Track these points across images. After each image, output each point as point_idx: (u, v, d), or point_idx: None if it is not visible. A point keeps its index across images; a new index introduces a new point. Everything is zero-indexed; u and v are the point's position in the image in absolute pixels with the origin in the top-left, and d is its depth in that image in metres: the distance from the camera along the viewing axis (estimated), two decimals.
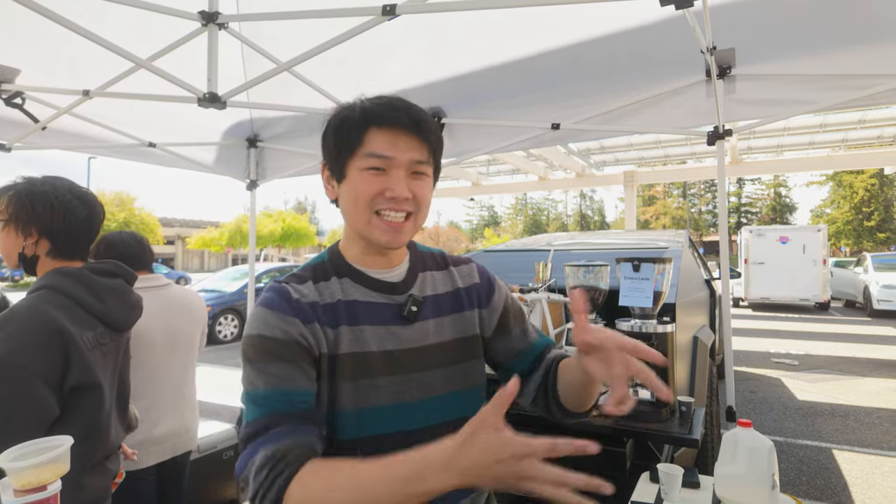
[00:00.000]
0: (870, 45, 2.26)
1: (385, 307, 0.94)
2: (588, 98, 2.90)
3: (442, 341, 0.97)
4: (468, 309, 1.02)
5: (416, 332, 0.95)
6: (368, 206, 0.89)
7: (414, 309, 0.95)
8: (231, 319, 10.19)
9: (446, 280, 1.04)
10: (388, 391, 0.91)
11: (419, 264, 1.03)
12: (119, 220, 28.53)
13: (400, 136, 0.88)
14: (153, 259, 2.11)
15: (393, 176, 0.88)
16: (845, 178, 38.27)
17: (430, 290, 1.00)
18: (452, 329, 0.99)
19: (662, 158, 17.86)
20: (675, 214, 50.11)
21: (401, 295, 0.96)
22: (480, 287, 1.06)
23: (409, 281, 0.99)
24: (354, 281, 0.95)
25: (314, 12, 1.91)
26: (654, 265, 2.26)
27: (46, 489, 0.90)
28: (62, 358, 1.16)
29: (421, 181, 0.92)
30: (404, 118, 0.88)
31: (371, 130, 0.88)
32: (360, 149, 0.89)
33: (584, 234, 4.90)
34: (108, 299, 1.31)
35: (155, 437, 1.91)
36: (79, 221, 1.31)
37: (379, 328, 0.92)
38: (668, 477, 1.61)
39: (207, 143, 3.69)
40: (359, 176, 0.89)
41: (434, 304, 0.99)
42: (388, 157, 0.88)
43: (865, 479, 3.59)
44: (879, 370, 6.87)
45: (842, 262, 16.56)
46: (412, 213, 0.91)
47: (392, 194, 0.88)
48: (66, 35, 1.86)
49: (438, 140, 0.95)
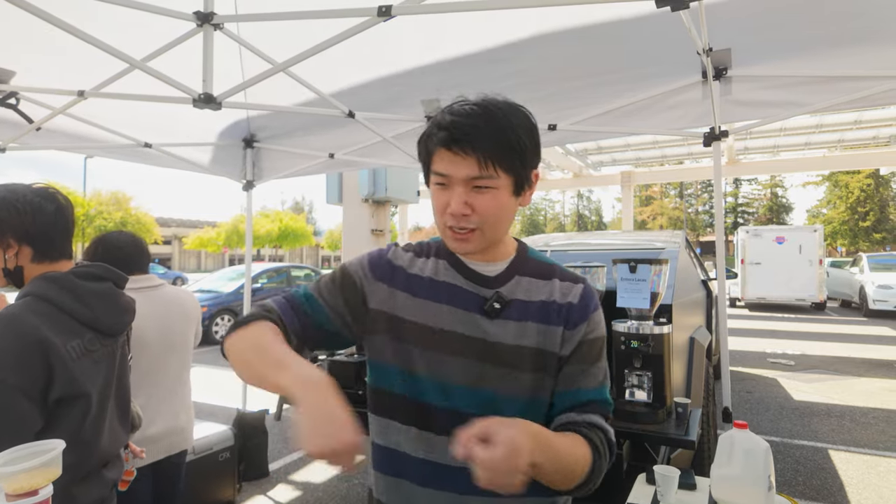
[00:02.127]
0: (865, 46, 2.27)
1: (470, 295, 0.99)
2: (585, 99, 2.90)
3: (520, 345, 0.97)
4: (554, 324, 1.00)
5: (494, 327, 0.97)
6: (440, 219, 0.96)
7: (496, 306, 0.98)
8: (228, 320, 10.16)
9: (543, 290, 1.02)
10: (443, 366, 0.97)
11: (520, 267, 1.04)
12: (115, 220, 28.46)
13: (454, 155, 0.91)
14: (150, 260, 2.10)
15: (453, 192, 0.93)
16: (841, 178, 38.43)
17: (522, 294, 1.01)
18: (535, 337, 0.98)
19: (659, 159, 17.91)
20: (671, 215, 50.23)
21: (489, 289, 1.00)
22: (573, 309, 1.01)
23: (503, 278, 1.01)
24: (450, 265, 1.02)
25: (310, 13, 1.91)
26: (651, 266, 2.27)
27: (38, 493, 0.89)
28: (44, 370, 1.12)
29: (484, 194, 0.92)
30: (448, 138, 0.91)
31: (437, 149, 0.94)
32: (431, 165, 0.96)
33: (581, 234, 4.90)
34: (96, 304, 1.28)
35: (149, 437, 1.91)
36: (48, 216, 1.26)
37: (460, 311, 0.98)
38: (665, 478, 1.61)
39: (203, 143, 3.68)
40: (433, 188, 0.97)
41: (522, 308, 0.99)
42: (445, 175, 0.93)
43: (861, 480, 3.60)
44: (875, 370, 6.89)
45: (838, 263, 16.63)
46: (477, 228, 0.94)
47: (451, 210, 0.93)
48: (61, 36, 1.85)
49: (503, 148, 0.92)
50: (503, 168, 0.93)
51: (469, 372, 0.97)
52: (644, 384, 2.27)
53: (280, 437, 4.60)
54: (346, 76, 2.80)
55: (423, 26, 2.38)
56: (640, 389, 2.28)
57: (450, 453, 0.86)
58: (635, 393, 2.28)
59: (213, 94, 2.01)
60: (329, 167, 3.96)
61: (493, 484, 0.74)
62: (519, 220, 64.66)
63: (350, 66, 2.70)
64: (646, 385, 2.27)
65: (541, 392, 0.99)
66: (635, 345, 2.26)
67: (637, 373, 2.28)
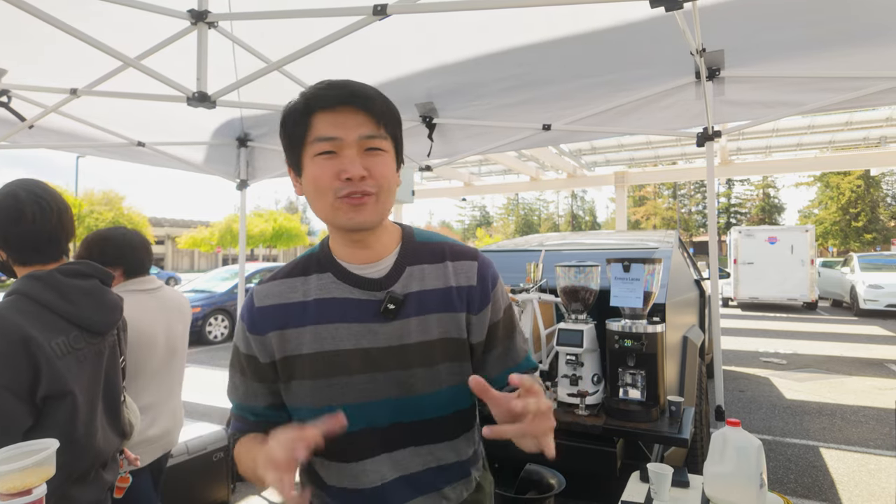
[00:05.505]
0: (857, 47, 2.29)
1: (364, 304, 0.92)
2: (579, 99, 2.91)
3: (425, 340, 0.93)
4: (457, 310, 0.95)
5: (395, 329, 0.92)
6: (328, 192, 0.87)
7: (391, 307, 0.92)
8: (221, 320, 10.11)
9: (438, 275, 0.96)
10: (358, 389, 0.91)
11: (409, 257, 0.97)
12: (108, 220, 28.25)
13: (344, 115, 0.86)
14: (151, 261, 2.10)
15: (345, 156, 0.85)
16: (833, 179, 38.72)
17: (416, 285, 0.95)
18: (438, 328, 0.94)
19: (653, 159, 17.97)
20: (665, 215, 50.45)
21: (381, 291, 0.93)
22: (474, 292, 0.97)
23: (392, 276, 0.94)
24: (336, 276, 0.95)
25: (305, 11, 1.91)
26: (645, 266, 2.28)
27: (32, 493, 0.88)
28: (29, 367, 1.12)
29: (376, 157, 0.87)
30: (344, 94, 0.86)
31: (315, 116, 0.86)
32: (308, 136, 0.87)
33: (575, 234, 4.92)
34: (81, 301, 1.27)
35: (151, 437, 1.93)
36: (28, 225, 1.25)
37: (355, 325, 0.92)
38: (658, 476, 1.62)
39: (197, 142, 3.67)
40: (312, 163, 0.87)
41: (419, 300, 0.94)
42: (335, 139, 0.85)
43: (852, 477, 3.63)
44: (865, 369, 6.95)
45: (829, 263, 16.74)
46: (374, 193, 0.88)
47: (347, 174, 0.84)
48: (54, 33, 1.84)
49: (388, 111, 0.90)
50: (390, 132, 0.90)
51: (383, 384, 0.92)
52: (637, 383, 2.29)
53: None
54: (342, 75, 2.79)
55: (418, 28, 2.38)
56: (634, 388, 2.29)
57: (383, 472, 0.92)
58: (629, 391, 2.30)
59: (208, 92, 2.00)
60: None
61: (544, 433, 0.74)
62: (513, 221, 64.73)
63: (345, 66, 2.70)
64: (639, 384, 2.28)
65: (460, 378, 0.96)
66: (629, 343, 2.27)
67: (631, 371, 2.29)
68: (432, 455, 0.96)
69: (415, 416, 0.94)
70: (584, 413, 2.24)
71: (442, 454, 0.97)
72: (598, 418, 2.21)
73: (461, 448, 1.00)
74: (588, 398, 2.25)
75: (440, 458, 0.97)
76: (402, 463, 0.95)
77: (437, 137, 3.27)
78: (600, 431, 2.13)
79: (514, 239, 4.98)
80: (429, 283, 0.95)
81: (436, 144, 3.29)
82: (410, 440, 0.95)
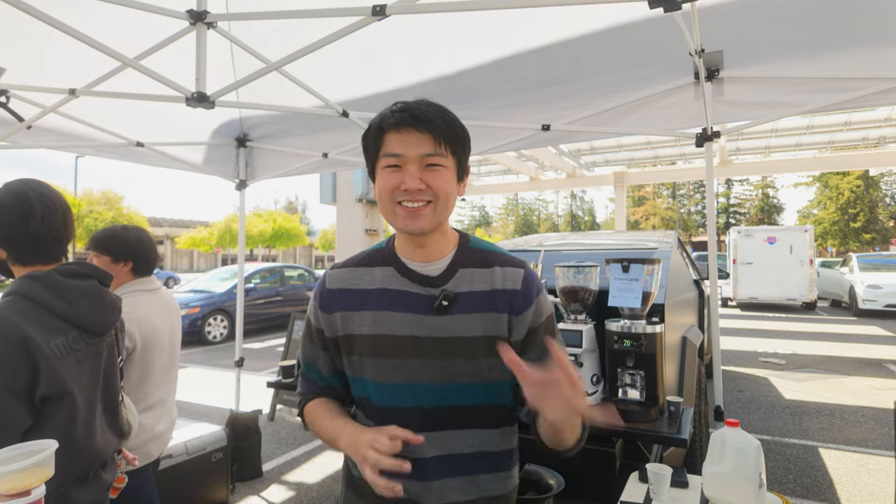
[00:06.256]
0: (856, 48, 2.29)
1: (420, 297, 1.05)
2: (578, 100, 2.91)
3: (470, 335, 1.03)
4: (500, 311, 1.06)
5: (445, 322, 1.03)
6: (390, 199, 1.01)
7: (445, 303, 1.04)
8: (221, 320, 10.09)
9: (485, 279, 1.07)
10: (409, 371, 1.04)
11: (462, 260, 1.09)
12: (107, 220, 28.23)
13: (409, 135, 0.99)
14: (157, 261, 2.11)
15: (407, 171, 0.99)
16: (832, 179, 38.78)
17: (465, 286, 1.06)
18: (482, 326, 1.04)
19: (652, 159, 18.00)
20: (664, 215, 50.49)
21: (436, 288, 1.05)
22: (517, 295, 1.07)
23: (446, 275, 1.07)
24: (397, 271, 1.08)
25: (304, 12, 1.90)
26: (644, 266, 2.28)
27: (31, 493, 0.88)
28: (28, 368, 1.12)
29: (435, 172, 1.00)
30: (408, 117, 0.99)
31: (387, 134, 1.01)
32: (380, 152, 1.02)
33: (574, 234, 4.92)
34: (80, 301, 1.26)
35: (157, 434, 1.97)
36: (30, 226, 1.25)
37: (411, 315, 1.04)
38: (657, 476, 1.62)
39: (196, 142, 3.66)
40: (381, 174, 1.02)
41: (468, 300, 1.05)
42: (399, 155, 0.99)
43: (851, 477, 3.63)
44: (864, 369, 6.96)
45: (828, 263, 16.76)
46: (431, 202, 1.01)
47: (405, 186, 0.98)
48: (52, 33, 1.84)
49: (450, 132, 1.01)
50: (451, 149, 1.02)
51: (430, 370, 1.04)
52: (637, 383, 2.29)
53: (273, 437, 4.59)
54: (341, 76, 2.79)
55: (418, 29, 2.38)
56: (633, 388, 2.29)
57: (423, 448, 1.01)
58: (628, 392, 2.30)
59: (206, 92, 2.00)
60: (323, 167, 3.95)
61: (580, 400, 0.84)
62: (512, 221, 64.74)
63: (345, 66, 2.69)
64: (638, 384, 2.28)
65: (500, 375, 1.05)
66: (628, 344, 2.27)
67: (630, 372, 2.29)
68: (471, 440, 1.07)
69: (456, 401, 1.05)
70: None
71: (478, 441, 1.07)
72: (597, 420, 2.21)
73: (497, 440, 1.10)
74: (587, 398, 2.25)
75: (476, 444, 1.07)
76: (444, 442, 1.05)
77: None
78: (599, 432, 2.13)
79: (514, 239, 4.98)
80: (477, 285, 1.07)
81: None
82: (451, 423, 1.05)
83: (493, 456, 1.09)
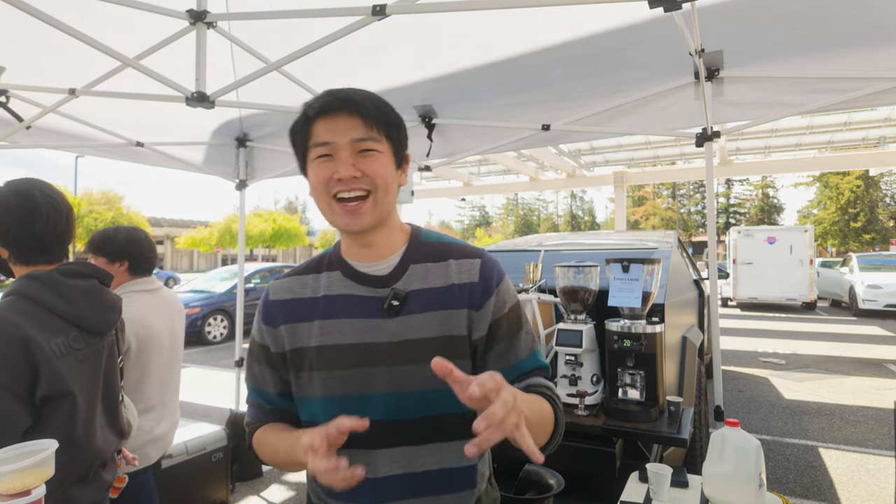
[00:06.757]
0: (855, 48, 2.29)
1: (368, 301, 0.97)
2: (578, 100, 2.91)
3: (425, 337, 0.94)
4: (458, 307, 0.96)
5: (397, 325, 0.95)
6: (325, 192, 0.93)
7: (395, 303, 0.95)
8: (220, 320, 10.10)
9: (440, 273, 0.98)
10: (360, 381, 0.94)
11: (414, 256, 1.00)
12: (107, 220, 28.22)
13: (337, 121, 0.91)
14: (156, 261, 2.11)
15: (339, 159, 0.92)
16: (832, 179, 38.77)
17: (418, 283, 0.97)
18: (439, 326, 0.95)
19: (652, 159, 17.98)
20: (664, 215, 50.50)
21: (385, 288, 0.97)
22: (475, 288, 0.98)
23: (396, 274, 0.98)
24: (343, 274, 1.00)
25: (304, 12, 1.90)
26: (644, 266, 2.28)
27: (31, 493, 0.88)
28: (28, 367, 1.12)
29: (370, 157, 0.92)
30: (333, 101, 0.92)
31: (314, 124, 0.93)
32: (309, 143, 0.94)
33: (574, 234, 4.92)
34: (80, 301, 1.27)
35: (157, 436, 1.96)
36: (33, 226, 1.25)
37: (359, 321, 0.96)
38: (657, 476, 1.62)
39: (196, 142, 3.66)
40: (312, 167, 0.95)
41: (422, 298, 0.96)
42: (328, 143, 0.92)
43: (851, 477, 3.63)
44: (864, 369, 6.96)
45: (828, 263, 16.76)
46: (370, 192, 0.93)
47: (339, 175, 0.90)
48: (52, 33, 1.84)
49: (381, 113, 0.94)
50: (385, 133, 0.94)
51: (383, 378, 0.94)
52: (637, 383, 2.29)
53: None
54: (340, 76, 2.79)
55: (418, 29, 2.38)
56: (633, 388, 2.29)
57: (378, 466, 0.94)
58: (628, 392, 2.30)
59: (206, 92, 2.00)
60: None
61: (500, 429, 0.69)
62: (512, 221, 64.74)
63: (344, 66, 2.69)
64: (638, 384, 2.28)
65: None
66: (628, 344, 2.27)
67: (630, 372, 2.30)
68: (433, 456, 0.96)
69: (414, 413, 0.95)
70: (584, 413, 2.24)
71: (442, 456, 0.97)
72: (598, 418, 2.21)
73: (462, 455, 0.97)
74: (587, 398, 2.26)
75: (440, 459, 0.96)
76: (401, 460, 0.95)
77: (436, 137, 3.27)
78: (599, 432, 2.13)
79: (514, 239, 4.98)
80: (431, 281, 0.98)
81: (435, 144, 3.29)
82: (410, 437, 0.95)
83: (458, 472, 0.98)
